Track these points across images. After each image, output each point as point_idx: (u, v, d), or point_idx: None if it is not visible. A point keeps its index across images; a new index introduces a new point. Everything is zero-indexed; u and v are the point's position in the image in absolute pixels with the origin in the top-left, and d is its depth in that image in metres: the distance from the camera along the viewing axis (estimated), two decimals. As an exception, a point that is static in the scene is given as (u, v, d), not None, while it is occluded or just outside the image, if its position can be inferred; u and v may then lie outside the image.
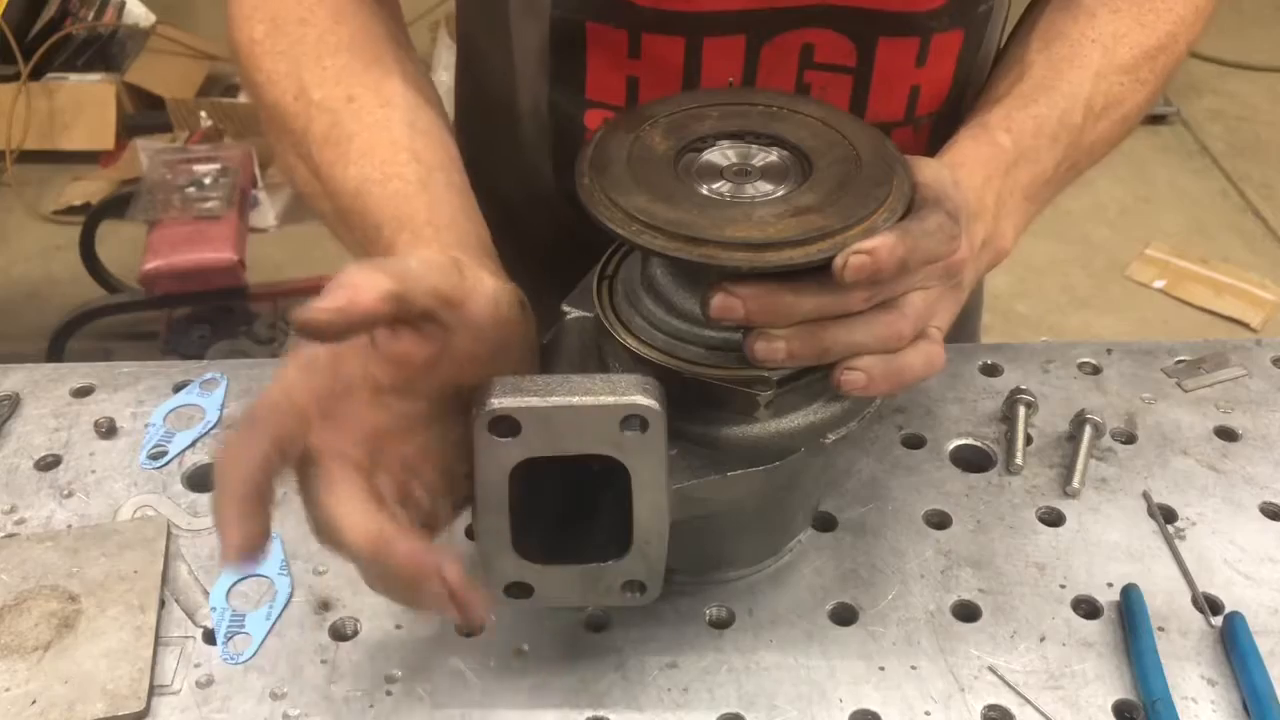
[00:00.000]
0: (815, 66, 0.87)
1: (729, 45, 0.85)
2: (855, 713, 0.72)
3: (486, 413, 0.62)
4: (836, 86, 0.87)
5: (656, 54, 0.86)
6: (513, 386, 0.62)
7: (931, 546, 0.83)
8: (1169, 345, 0.99)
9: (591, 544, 0.68)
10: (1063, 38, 0.85)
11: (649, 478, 0.64)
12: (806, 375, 0.69)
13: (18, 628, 0.76)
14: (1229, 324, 2.97)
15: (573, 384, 0.62)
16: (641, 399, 0.62)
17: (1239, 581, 0.80)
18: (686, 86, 0.87)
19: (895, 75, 0.88)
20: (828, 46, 0.86)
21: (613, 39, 0.86)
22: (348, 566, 0.80)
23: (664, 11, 0.85)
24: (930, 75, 0.89)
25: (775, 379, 0.68)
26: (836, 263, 0.62)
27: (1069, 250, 3.16)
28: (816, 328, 0.65)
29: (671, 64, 0.86)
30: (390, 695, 0.73)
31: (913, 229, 0.65)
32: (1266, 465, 0.89)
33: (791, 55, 0.86)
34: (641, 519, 0.66)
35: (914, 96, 0.90)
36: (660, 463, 0.64)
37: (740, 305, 0.63)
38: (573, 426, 0.62)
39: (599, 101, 0.91)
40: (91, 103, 3.43)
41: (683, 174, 0.69)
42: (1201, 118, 3.75)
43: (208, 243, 2.50)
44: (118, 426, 0.92)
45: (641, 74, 0.88)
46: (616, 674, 0.74)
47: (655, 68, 0.87)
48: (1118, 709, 0.72)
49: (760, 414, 0.68)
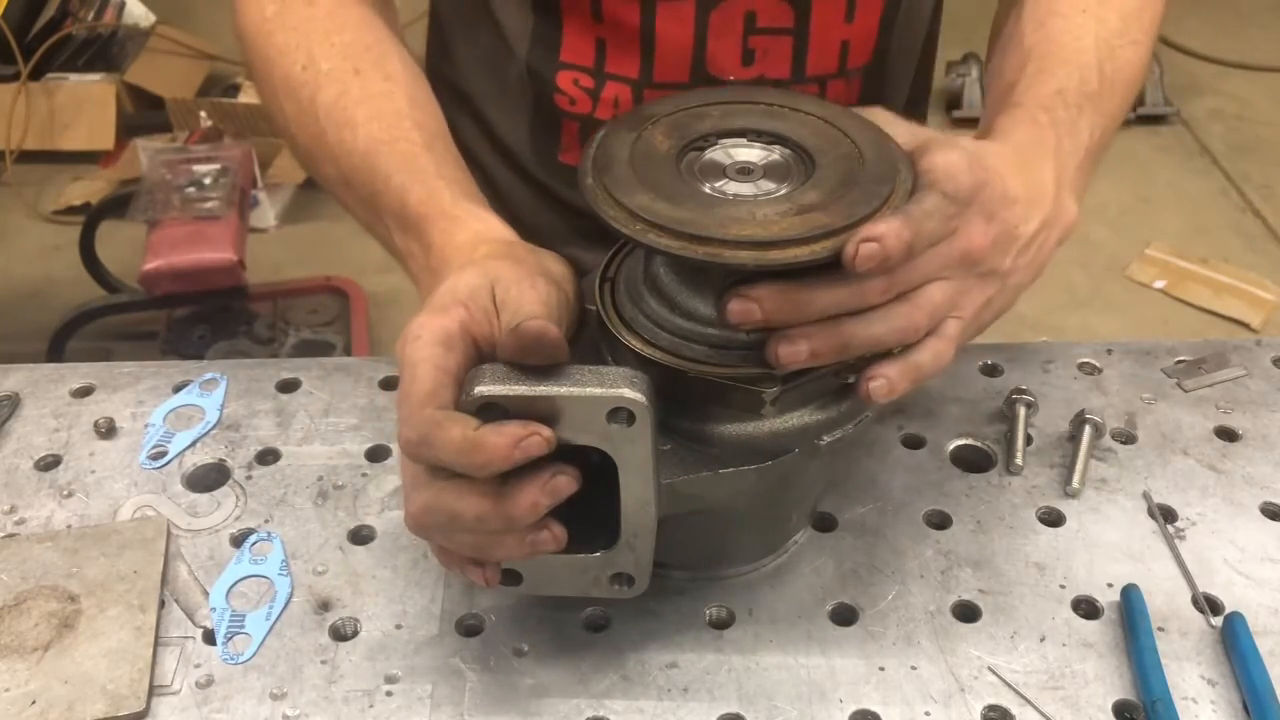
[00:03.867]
0: (758, 31, 0.93)
1: (680, 10, 0.92)
2: (855, 713, 0.72)
3: (474, 398, 0.62)
4: (778, 48, 0.94)
5: (617, 18, 0.92)
6: (502, 374, 0.63)
7: (931, 546, 0.83)
8: (1169, 345, 0.99)
9: (585, 535, 0.69)
10: (1054, 14, 0.89)
11: (636, 471, 0.64)
12: (810, 373, 0.69)
13: (18, 628, 0.76)
14: (1229, 324, 2.97)
15: (562, 374, 0.63)
16: (628, 392, 0.62)
17: (1239, 581, 0.80)
18: (644, 49, 0.94)
19: (828, 31, 0.94)
20: (768, 11, 0.92)
21: (580, 2, 0.93)
22: (348, 566, 0.81)
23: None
24: (857, 30, 0.95)
25: (781, 376, 0.68)
26: (847, 251, 0.63)
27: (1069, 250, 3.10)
28: (835, 324, 0.66)
29: (629, 26, 0.93)
30: (390, 695, 0.73)
31: (913, 212, 0.66)
32: (1266, 465, 0.89)
33: (737, 21, 0.92)
34: (629, 512, 0.66)
35: (844, 50, 0.96)
36: (647, 457, 0.64)
37: (758, 307, 0.65)
38: (560, 416, 0.63)
39: (571, 63, 0.97)
40: (91, 103, 3.43)
41: (685, 173, 0.69)
42: (1201, 118, 3.75)
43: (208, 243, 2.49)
44: (118, 427, 0.92)
45: (608, 36, 0.94)
46: (616, 674, 0.74)
47: (617, 31, 0.93)
48: (1118, 709, 0.72)
49: (765, 411, 0.69)
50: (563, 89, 0.98)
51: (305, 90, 0.85)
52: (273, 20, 0.89)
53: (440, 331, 0.65)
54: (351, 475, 0.88)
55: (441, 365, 0.63)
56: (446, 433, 0.61)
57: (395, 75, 0.85)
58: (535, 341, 0.62)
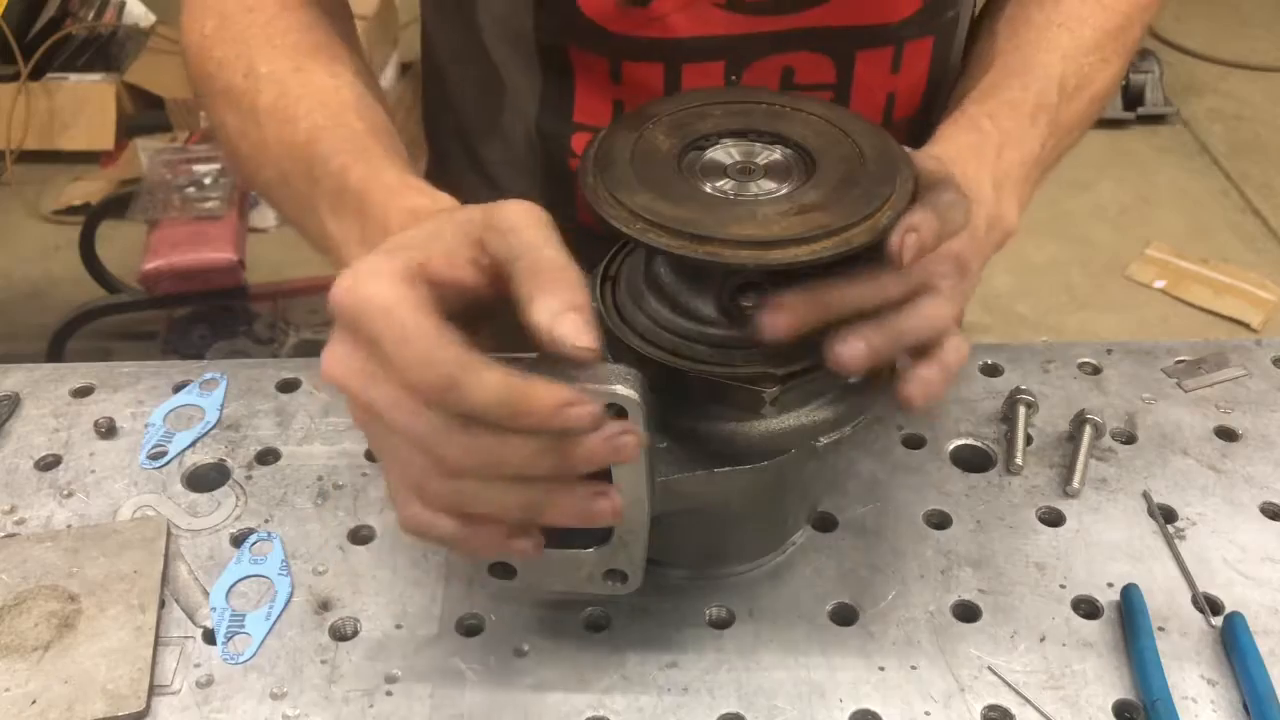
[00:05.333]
0: (796, 87, 0.88)
1: (708, 70, 0.86)
2: (855, 713, 0.72)
3: None
4: None
5: (638, 79, 0.87)
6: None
7: (931, 546, 0.83)
8: (1169, 345, 0.99)
9: (580, 531, 0.69)
10: (1029, 24, 0.88)
11: (628, 467, 0.64)
12: (809, 373, 0.69)
13: (18, 628, 0.76)
14: (1229, 324, 2.97)
15: (555, 369, 0.63)
16: (620, 388, 0.62)
17: (1239, 581, 0.80)
18: None
19: (872, 85, 0.90)
20: (807, 66, 0.87)
21: (596, 64, 0.87)
22: (348, 566, 0.81)
23: (640, 39, 0.86)
24: (905, 81, 0.91)
25: (780, 375, 0.68)
26: (893, 242, 0.62)
27: (1069, 250, 3.16)
28: (881, 320, 0.64)
29: (652, 88, 0.87)
30: (390, 695, 0.73)
31: (937, 202, 0.65)
32: (1266, 465, 0.89)
33: (772, 78, 0.88)
34: (623, 508, 0.66)
35: (890, 103, 0.92)
36: (641, 454, 0.64)
37: (789, 316, 0.63)
38: None
39: (585, 124, 0.92)
40: (91, 103, 3.43)
41: (686, 172, 0.69)
42: (1201, 118, 3.75)
43: (208, 243, 2.50)
44: (118, 426, 0.92)
45: (625, 97, 0.89)
46: (616, 674, 0.74)
47: (638, 92, 0.88)
48: (1118, 709, 0.72)
49: (766, 410, 0.69)
50: (577, 151, 0.92)
51: (246, 99, 0.80)
52: (212, 36, 0.84)
53: (401, 269, 0.56)
54: (351, 475, 0.88)
55: (422, 305, 0.55)
56: (480, 375, 0.54)
57: (340, 74, 0.80)
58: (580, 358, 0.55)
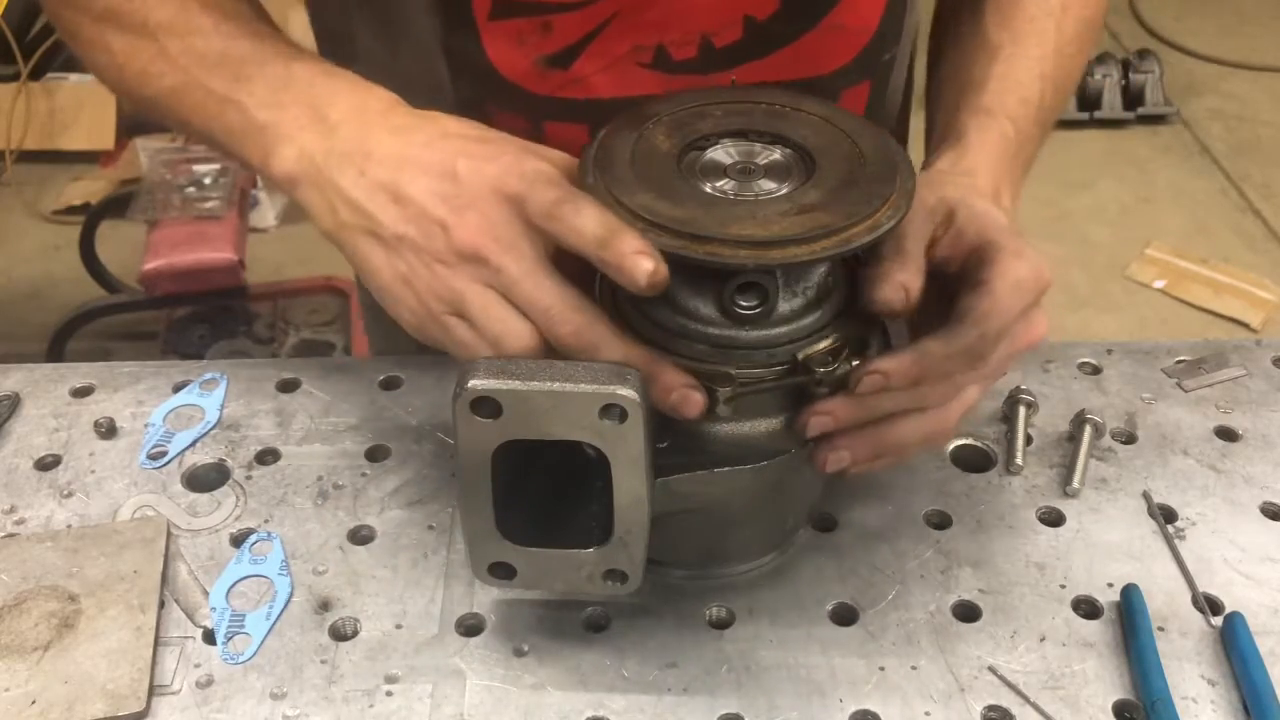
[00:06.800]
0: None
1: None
2: (855, 713, 0.72)
3: (468, 393, 0.62)
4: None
5: (561, 140, 0.80)
6: (497, 368, 0.63)
7: (931, 546, 0.83)
8: (1169, 345, 0.99)
9: (581, 531, 0.69)
10: (1019, 12, 0.88)
11: (629, 467, 0.65)
12: (772, 380, 0.69)
13: (18, 628, 0.76)
14: (1229, 324, 2.97)
15: (556, 369, 0.63)
16: (621, 389, 0.62)
17: (1239, 581, 0.80)
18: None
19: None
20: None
21: (516, 124, 0.84)
22: (348, 566, 0.81)
23: (563, 99, 0.85)
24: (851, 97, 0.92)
25: (739, 378, 0.68)
26: (853, 378, 0.67)
27: (1069, 250, 3.16)
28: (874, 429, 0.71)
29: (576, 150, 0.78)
30: (390, 695, 0.73)
31: (935, 351, 0.68)
32: (1266, 465, 0.89)
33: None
34: (622, 508, 0.66)
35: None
36: (640, 453, 0.64)
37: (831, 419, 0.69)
38: (553, 412, 0.63)
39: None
40: (91, 103, 3.42)
41: (686, 172, 0.69)
42: (1201, 118, 3.75)
43: (208, 243, 2.50)
44: (118, 426, 0.91)
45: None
46: (616, 674, 0.74)
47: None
48: (1118, 709, 0.72)
49: (720, 410, 0.68)
50: None
51: (136, 17, 0.78)
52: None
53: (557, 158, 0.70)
54: (351, 475, 0.88)
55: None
56: (624, 239, 0.63)
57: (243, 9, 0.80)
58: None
